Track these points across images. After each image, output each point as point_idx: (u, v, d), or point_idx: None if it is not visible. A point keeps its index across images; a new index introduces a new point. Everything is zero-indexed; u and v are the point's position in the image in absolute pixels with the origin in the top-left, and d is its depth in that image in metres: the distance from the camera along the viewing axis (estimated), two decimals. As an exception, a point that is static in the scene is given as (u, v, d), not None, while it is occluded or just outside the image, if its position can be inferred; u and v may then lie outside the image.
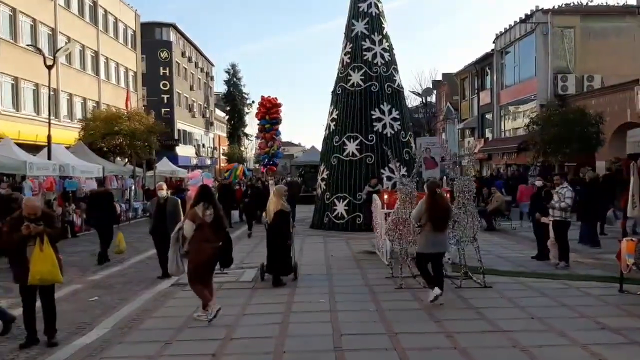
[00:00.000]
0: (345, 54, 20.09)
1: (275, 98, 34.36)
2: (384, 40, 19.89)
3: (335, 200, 18.94)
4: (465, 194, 9.26)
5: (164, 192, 11.32)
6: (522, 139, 30.24)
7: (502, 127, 35.43)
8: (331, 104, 20.39)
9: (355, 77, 19.42)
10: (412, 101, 47.28)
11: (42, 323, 6.90)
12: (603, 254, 12.66)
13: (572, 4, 30.63)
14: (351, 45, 19.86)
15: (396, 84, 19.84)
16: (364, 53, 19.53)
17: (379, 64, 19.50)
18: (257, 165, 66.23)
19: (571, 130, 16.56)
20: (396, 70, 20.08)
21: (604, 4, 30.91)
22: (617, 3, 30.98)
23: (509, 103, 33.99)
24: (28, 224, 6.56)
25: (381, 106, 19.13)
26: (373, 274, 10.64)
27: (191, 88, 58.92)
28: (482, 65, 38.77)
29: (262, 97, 35.22)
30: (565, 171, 18.84)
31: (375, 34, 19.74)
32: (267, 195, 16.88)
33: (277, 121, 34.29)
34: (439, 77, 50.91)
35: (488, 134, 38.88)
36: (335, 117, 19.75)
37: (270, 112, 33.73)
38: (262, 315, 7.84)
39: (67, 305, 8.80)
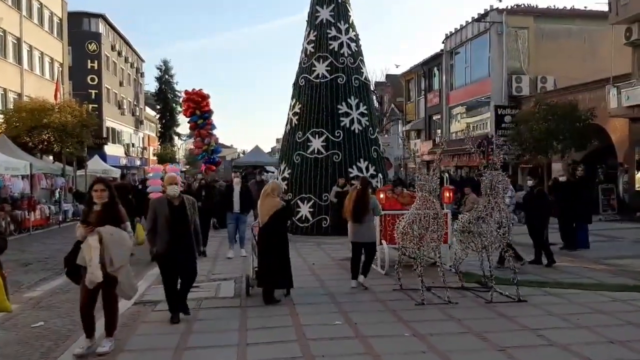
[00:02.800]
0: (308, 43, 18.50)
1: (201, 89, 31.66)
2: (351, 30, 18.50)
3: (298, 201, 17.28)
4: (498, 191, 7.82)
5: (176, 187, 7.17)
6: (477, 139, 29.59)
7: (451, 129, 34.74)
8: (292, 97, 18.74)
9: (321, 68, 17.89)
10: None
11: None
12: (608, 259, 11.75)
13: (523, 5, 30.30)
14: (315, 33, 18.30)
15: (363, 76, 18.47)
16: (330, 42, 18.05)
17: (346, 54, 18.06)
18: (188, 167, 63.30)
19: (558, 127, 15.69)
20: (363, 62, 18.70)
21: (553, 7, 30.81)
22: (565, 7, 30.96)
23: (460, 104, 33.33)
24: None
25: (348, 100, 17.69)
26: (375, 285, 9.09)
27: (121, 84, 55.46)
28: (430, 66, 38.08)
29: (187, 92, 31.81)
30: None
31: (342, 22, 18.29)
32: (230, 197, 15.02)
33: (209, 114, 31.59)
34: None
35: (434, 136, 38.25)
36: (298, 111, 18.10)
37: (200, 106, 31.06)
38: (274, 345, 6.08)
39: (3, 334, 6.77)
